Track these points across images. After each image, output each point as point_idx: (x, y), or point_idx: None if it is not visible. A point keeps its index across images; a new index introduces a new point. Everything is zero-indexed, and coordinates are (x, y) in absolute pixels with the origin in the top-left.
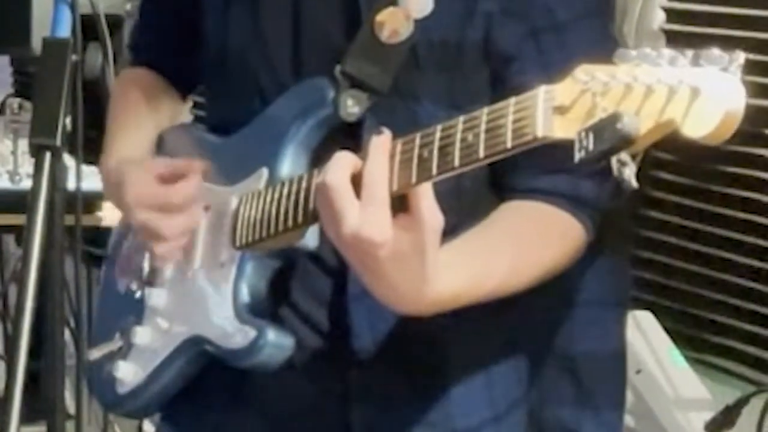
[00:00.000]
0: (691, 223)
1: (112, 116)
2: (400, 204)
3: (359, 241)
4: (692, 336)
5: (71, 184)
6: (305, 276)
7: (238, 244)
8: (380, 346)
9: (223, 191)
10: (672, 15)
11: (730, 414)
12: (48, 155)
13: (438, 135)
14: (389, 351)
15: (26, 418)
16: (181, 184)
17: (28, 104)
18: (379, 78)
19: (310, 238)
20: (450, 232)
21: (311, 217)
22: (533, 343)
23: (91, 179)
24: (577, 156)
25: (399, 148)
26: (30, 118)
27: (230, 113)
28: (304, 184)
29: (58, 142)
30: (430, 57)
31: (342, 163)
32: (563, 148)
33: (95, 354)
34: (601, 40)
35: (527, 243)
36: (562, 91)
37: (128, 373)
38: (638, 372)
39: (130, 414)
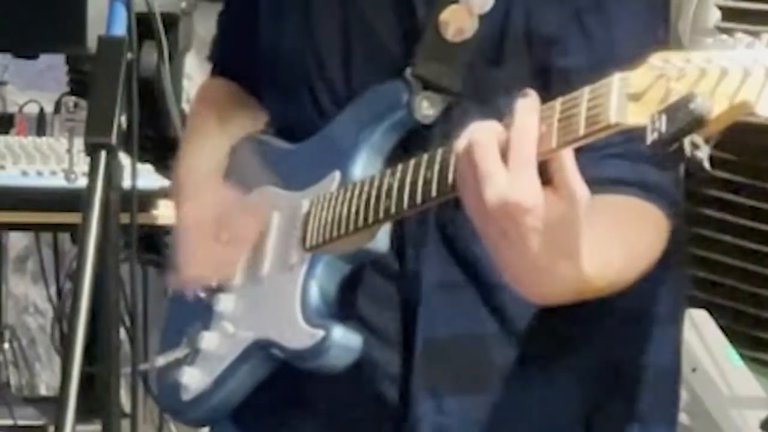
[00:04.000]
0: (746, 221)
1: (187, 128)
2: (541, 174)
3: (506, 207)
4: (748, 334)
5: (127, 183)
6: (371, 281)
7: (308, 245)
8: (443, 352)
9: (294, 196)
10: (727, 13)
11: None
12: (103, 154)
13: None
14: (452, 357)
15: (82, 417)
16: (246, 194)
17: (83, 103)
18: (449, 77)
19: (381, 241)
20: None
21: (382, 215)
22: (593, 356)
23: (146, 178)
24: (650, 138)
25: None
26: (85, 117)
27: (283, 116)
28: (376, 183)
29: (114, 140)
30: (479, 51)
31: (486, 124)
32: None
33: (161, 361)
34: (646, 18)
35: (633, 234)
36: (636, 77)
37: (194, 379)
38: (694, 370)
39: (194, 421)
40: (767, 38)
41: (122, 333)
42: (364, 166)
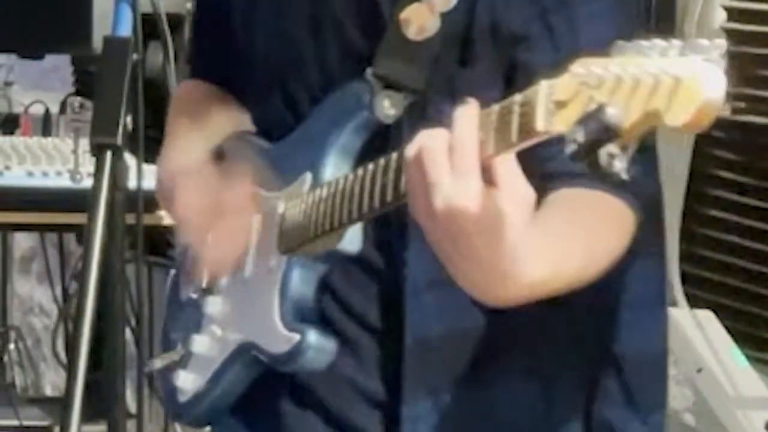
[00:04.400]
0: (751, 221)
1: (167, 127)
2: (485, 178)
3: (452, 213)
4: (753, 335)
5: (132, 183)
6: (354, 278)
7: (283, 248)
8: (433, 343)
9: (272, 197)
10: (733, 13)
11: None
12: (109, 154)
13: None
14: (444, 354)
15: (88, 417)
16: (232, 191)
17: (89, 103)
18: (411, 76)
19: (351, 242)
20: None
21: (347, 219)
22: (581, 345)
23: (152, 178)
24: (568, 149)
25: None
26: (91, 117)
27: (259, 119)
28: (341, 187)
29: (119, 141)
30: (446, 50)
31: (435, 132)
32: None
33: (158, 364)
34: (612, 15)
35: (594, 231)
36: (561, 85)
37: (188, 382)
38: (699, 371)
39: (194, 422)
40: (678, 45)
41: (128, 334)
42: (334, 167)
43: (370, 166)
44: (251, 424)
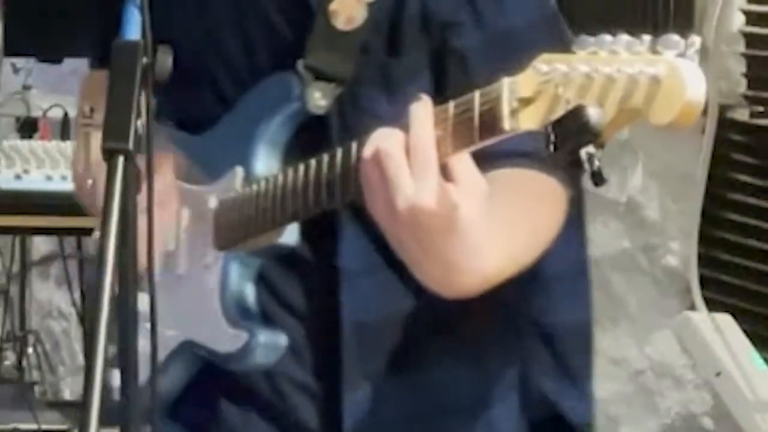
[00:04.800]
0: None
1: (78, 121)
2: (442, 174)
3: (414, 212)
4: None
5: None
6: (287, 271)
7: (220, 244)
8: (369, 330)
9: (201, 191)
10: (751, 17)
11: None
12: (120, 159)
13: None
14: (379, 335)
15: (106, 422)
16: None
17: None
18: (342, 67)
19: (289, 235)
20: None
21: (289, 215)
22: (512, 319)
23: None
24: (547, 151)
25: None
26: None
27: (184, 110)
28: (280, 183)
29: (131, 145)
30: (377, 40)
31: (391, 134)
32: None
33: None
34: (540, 2)
35: (537, 212)
36: (524, 82)
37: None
38: (718, 375)
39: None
40: (648, 40)
41: None
42: (264, 159)
43: (313, 163)
44: (192, 427)
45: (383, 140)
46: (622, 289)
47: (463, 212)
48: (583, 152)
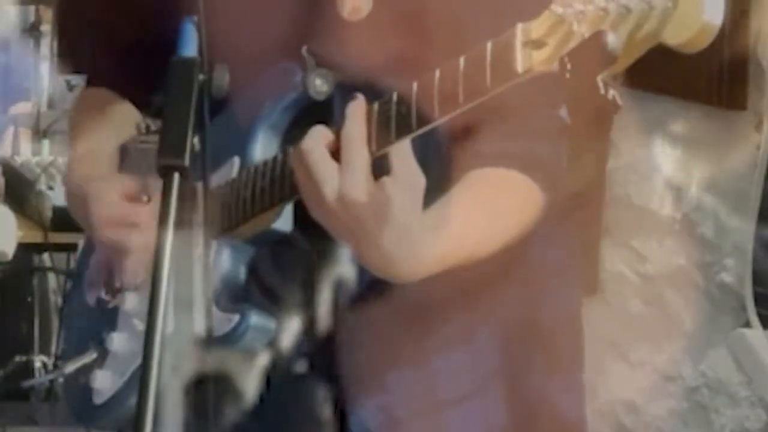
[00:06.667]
0: None
1: (71, 136)
2: (382, 167)
3: (342, 204)
4: None
5: None
6: (279, 259)
7: (213, 233)
8: (359, 320)
9: (193, 185)
10: None
11: None
12: (176, 176)
13: (415, 89)
14: (369, 324)
15: None
16: (145, 207)
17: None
18: (343, 55)
19: (284, 222)
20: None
21: (288, 191)
22: (503, 312)
23: None
24: (563, 79)
25: (377, 108)
26: (158, 139)
27: None
28: (279, 161)
29: (187, 162)
30: (389, 27)
31: (316, 132)
32: (519, 110)
33: (69, 367)
34: None
35: (497, 204)
36: (537, 25)
37: (105, 382)
38: None
39: (109, 425)
40: None
41: None
42: (262, 146)
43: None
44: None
45: (305, 141)
46: (678, 306)
47: (395, 204)
48: (600, 80)
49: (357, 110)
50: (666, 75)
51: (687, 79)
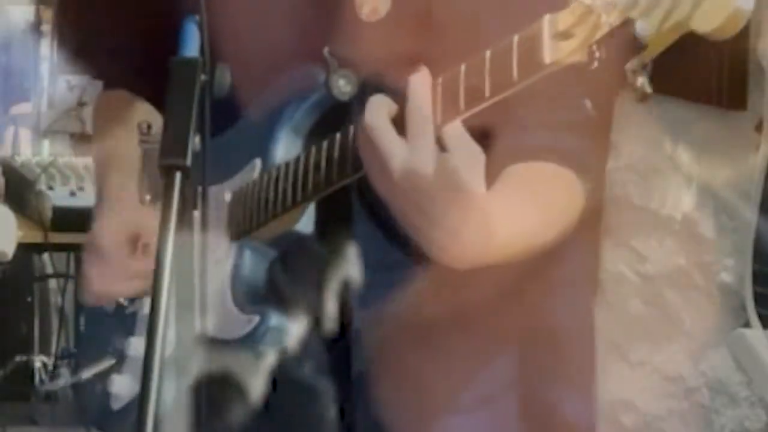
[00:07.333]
0: None
1: (92, 140)
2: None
3: (410, 177)
4: None
5: None
6: (299, 263)
7: (234, 235)
8: (377, 325)
9: (215, 189)
10: None
11: None
12: (178, 175)
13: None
14: (387, 331)
15: None
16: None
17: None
18: (365, 55)
19: (305, 223)
20: None
21: (310, 192)
22: (517, 321)
23: None
24: (591, 69)
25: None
26: (159, 139)
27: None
28: (302, 163)
29: (188, 162)
30: (401, 30)
31: (377, 103)
32: (547, 103)
33: (87, 374)
34: None
35: (547, 196)
36: (565, 16)
37: (124, 387)
38: None
39: (127, 430)
40: None
41: None
42: (285, 148)
43: (325, 144)
44: None
45: (367, 115)
46: (677, 306)
47: (463, 176)
48: (628, 69)
49: (422, 83)
50: (665, 75)
51: (687, 79)
